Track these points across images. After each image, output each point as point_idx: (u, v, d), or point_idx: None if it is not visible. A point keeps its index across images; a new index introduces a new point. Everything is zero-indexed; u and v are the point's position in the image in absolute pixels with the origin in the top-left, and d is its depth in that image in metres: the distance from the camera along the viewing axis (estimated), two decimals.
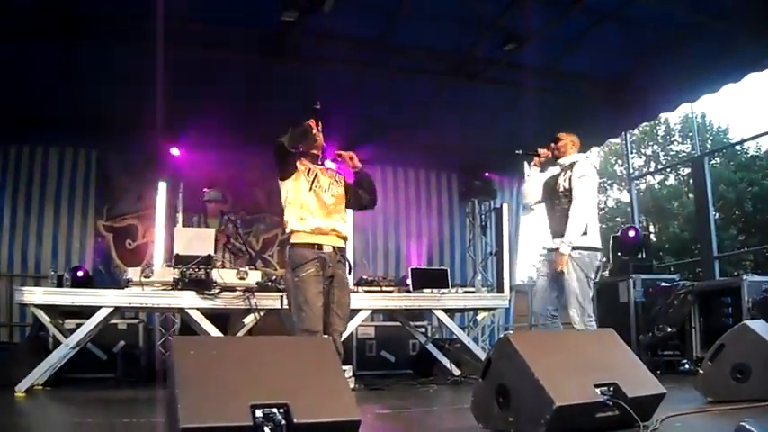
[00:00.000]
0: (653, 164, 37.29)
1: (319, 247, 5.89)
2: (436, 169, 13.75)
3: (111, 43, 8.98)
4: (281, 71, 9.86)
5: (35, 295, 7.67)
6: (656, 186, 36.06)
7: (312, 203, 5.99)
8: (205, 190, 10.01)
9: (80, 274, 9.69)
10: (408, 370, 10.50)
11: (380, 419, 5.39)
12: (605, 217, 38.22)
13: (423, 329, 10.74)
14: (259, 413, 2.97)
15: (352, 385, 7.58)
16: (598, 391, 3.76)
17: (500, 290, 12.05)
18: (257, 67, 9.95)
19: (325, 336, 5.56)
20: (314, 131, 6.00)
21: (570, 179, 6.46)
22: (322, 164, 6.30)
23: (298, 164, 6.10)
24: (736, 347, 5.09)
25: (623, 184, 35.17)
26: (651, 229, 32.91)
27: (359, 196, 6.43)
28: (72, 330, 7.82)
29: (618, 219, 35.87)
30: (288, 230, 6.06)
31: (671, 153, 36.98)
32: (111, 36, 8.83)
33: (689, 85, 9.86)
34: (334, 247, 5.96)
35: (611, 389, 3.80)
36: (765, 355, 4.85)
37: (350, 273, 6.31)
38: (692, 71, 9.42)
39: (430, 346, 9.71)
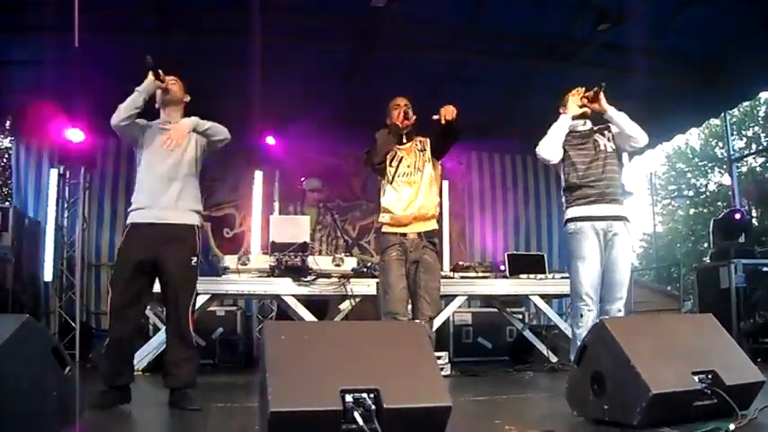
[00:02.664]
0: (754, 145, 35.79)
1: (403, 234, 5.91)
2: (532, 154, 13.57)
3: (208, 35, 9.16)
4: (374, 59, 9.89)
5: None
6: (758, 169, 34.77)
7: (394, 195, 6.01)
8: (303, 179, 10.05)
9: None
10: (505, 357, 10.35)
11: (473, 406, 5.36)
12: (706, 201, 37.31)
13: (520, 316, 10.56)
14: (349, 398, 2.97)
15: (447, 372, 7.59)
16: (696, 378, 3.62)
17: None
18: (350, 56, 10.04)
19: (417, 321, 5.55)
20: (401, 128, 6.04)
21: (613, 137, 6.01)
22: (407, 141, 6.22)
23: None
24: None
25: (724, 166, 34.17)
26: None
27: (445, 144, 6.30)
28: None
29: (719, 203, 34.84)
30: (378, 220, 6.14)
31: None
32: (207, 29, 9.00)
33: None
34: (419, 233, 5.92)
35: (710, 377, 3.66)
36: None
37: (440, 257, 6.26)
38: None
39: (527, 333, 9.53)
